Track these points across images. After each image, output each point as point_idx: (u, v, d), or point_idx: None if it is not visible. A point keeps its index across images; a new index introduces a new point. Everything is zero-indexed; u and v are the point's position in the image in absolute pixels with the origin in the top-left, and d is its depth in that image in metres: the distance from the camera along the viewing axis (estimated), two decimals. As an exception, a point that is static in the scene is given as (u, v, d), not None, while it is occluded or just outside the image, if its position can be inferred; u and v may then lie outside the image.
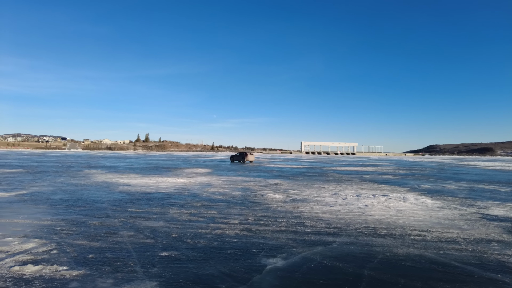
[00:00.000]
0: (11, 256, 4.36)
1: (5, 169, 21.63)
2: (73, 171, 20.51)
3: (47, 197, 9.64)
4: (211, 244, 5.06)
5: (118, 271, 3.86)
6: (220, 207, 8.41)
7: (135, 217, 6.98)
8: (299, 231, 6.00)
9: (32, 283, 3.50)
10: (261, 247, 4.94)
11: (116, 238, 5.31)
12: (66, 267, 3.96)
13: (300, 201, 9.52)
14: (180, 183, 14.13)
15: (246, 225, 6.38)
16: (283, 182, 15.49)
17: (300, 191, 11.81)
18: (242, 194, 10.81)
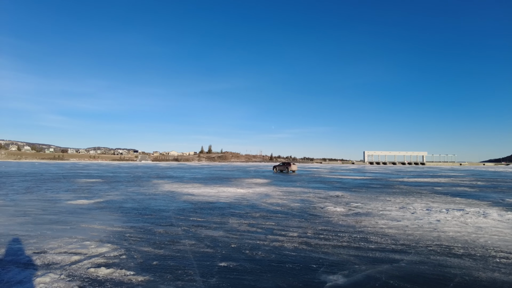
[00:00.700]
0: (88, 258, 4.78)
1: (87, 179, 24.16)
2: (143, 181, 22.13)
3: (119, 205, 10.49)
4: (269, 257, 5.00)
5: (179, 279, 3.98)
6: (278, 218, 8.33)
7: (197, 226, 7.22)
8: (362, 247, 5.65)
9: (104, 284, 3.77)
10: (321, 263, 4.73)
11: (178, 247, 5.53)
12: (133, 272, 4.21)
13: (363, 215, 9.02)
14: (240, 193, 14.38)
15: (305, 239, 6.20)
16: (345, 194, 14.88)
17: (363, 204, 11.21)
18: (300, 206, 10.61)
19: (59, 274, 4.10)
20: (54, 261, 4.63)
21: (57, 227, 6.93)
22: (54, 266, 4.40)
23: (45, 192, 14.24)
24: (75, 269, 4.30)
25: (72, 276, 4.04)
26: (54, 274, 4.08)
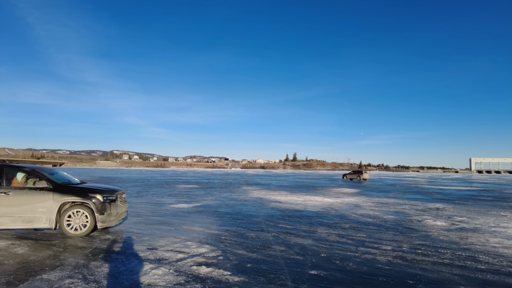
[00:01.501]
0: (190, 257, 5.35)
1: (186, 185, 26.64)
2: (233, 188, 23.44)
3: (214, 209, 11.35)
4: (361, 269, 4.86)
5: (272, 283, 4.18)
6: (369, 230, 7.98)
7: (286, 233, 7.40)
8: (468, 266, 5.07)
9: (205, 282, 4.19)
10: (419, 279, 4.41)
11: (269, 252, 5.77)
12: (230, 273, 4.57)
13: (470, 231, 8.03)
14: (327, 203, 14.14)
15: (400, 253, 5.83)
16: (446, 206, 13.39)
17: (469, 219, 9.96)
18: (395, 218, 9.94)
19: (168, 268, 4.70)
20: (164, 257, 5.31)
21: (164, 227, 7.87)
22: (164, 261, 5.04)
23: (152, 196, 16.23)
24: (180, 265, 4.87)
25: (179, 271, 4.58)
26: (164, 268, 4.69)
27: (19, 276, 4.29)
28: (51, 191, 6.79)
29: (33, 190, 6.73)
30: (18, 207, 6.57)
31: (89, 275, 4.36)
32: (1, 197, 6.54)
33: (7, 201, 6.54)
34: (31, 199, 6.64)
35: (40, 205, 6.65)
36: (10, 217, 6.54)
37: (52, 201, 6.70)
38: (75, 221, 6.83)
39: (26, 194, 6.66)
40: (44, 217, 6.65)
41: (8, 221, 6.54)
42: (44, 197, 6.70)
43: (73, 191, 6.98)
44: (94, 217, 6.89)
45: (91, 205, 6.91)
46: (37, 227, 6.72)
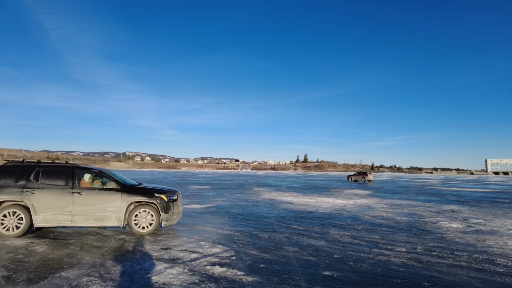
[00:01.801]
0: (204, 257, 5.40)
1: (197, 186, 26.83)
2: (245, 189, 23.49)
3: (226, 210, 11.40)
4: (375, 270, 4.83)
5: (285, 283, 4.19)
6: (383, 232, 7.90)
7: (298, 234, 7.39)
8: (486, 269, 4.98)
9: (219, 281, 4.23)
10: (434, 281, 4.35)
11: (282, 252, 5.78)
12: (243, 273, 4.59)
13: (487, 233, 7.87)
14: (340, 204, 14.05)
15: (414, 255, 5.76)
16: (462, 208, 13.14)
17: (486, 221, 9.75)
18: (408, 220, 9.81)
19: (182, 268, 4.75)
20: (178, 256, 5.37)
21: (177, 227, 7.95)
22: (178, 261, 5.10)
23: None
24: (194, 265, 4.92)
25: (193, 271, 4.63)
26: (179, 268, 4.75)
27: (39, 273, 4.40)
28: (119, 191, 7.19)
29: (103, 191, 7.15)
30: (91, 206, 6.97)
31: (105, 273, 4.45)
32: (75, 197, 6.93)
33: (81, 201, 6.94)
34: (102, 199, 7.05)
35: (110, 205, 7.05)
36: (83, 215, 6.93)
37: (120, 201, 7.10)
38: (141, 219, 7.21)
39: (97, 194, 7.08)
40: (113, 216, 7.05)
41: (81, 219, 6.92)
42: (114, 197, 7.10)
43: (139, 191, 7.39)
44: (159, 216, 7.29)
45: (157, 205, 7.32)
46: (107, 226, 7.11)
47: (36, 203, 6.78)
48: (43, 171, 7.13)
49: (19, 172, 7.03)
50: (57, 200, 6.86)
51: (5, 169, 7.06)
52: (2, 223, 6.64)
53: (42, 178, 7.04)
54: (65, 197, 6.91)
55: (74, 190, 6.99)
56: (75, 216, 6.89)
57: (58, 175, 7.13)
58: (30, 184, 6.92)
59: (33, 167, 7.15)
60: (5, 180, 6.88)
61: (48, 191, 6.90)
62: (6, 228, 6.65)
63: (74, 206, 6.90)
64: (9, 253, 5.39)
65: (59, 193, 6.92)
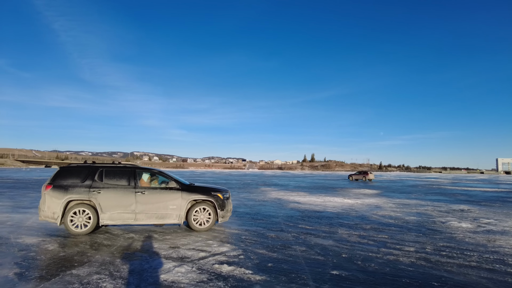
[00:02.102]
0: (212, 255, 5.43)
1: (204, 185, 26.91)
2: (252, 188, 23.51)
3: (234, 209, 11.42)
4: (383, 270, 4.80)
5: (293, 282, 4.19)
6: (391, 231, 7.84)
7: (306, 234, 7.38)
8: (497, 269, 4.92)
9: (228, 280, 4.25)
10: (444, 281, 4.31)
11: (290, 252, 5.78)
12: (251, 271, 4.61)
13: (497, 233, 7.76)
14: (347, 204, 13.98)
15: (423, 254, 5.71)
16: (472, 208, 12.97)
17: (497, 221, 9.62)
18: (417, 220, 9.72)
19: (191, 266, 4.79)
20: (186, 255, 5.41)
21: (185, 227, 8.00)
22: (187, 260, 5.14)
23: (172, 196, 16.49)
24: (202, 263, 4.95)
25: (201, 269, 4.66)
26: (187, 266, 4.78)
27: (50, 271, 4.48)
28: (179, 190, 7.61)
29: (165, 190, 7.54)
30: (153, 204, 7.32)
31: (115, 271, 4.50)
32: (138, 196, 7.27)
33: (144, 199, 7.28)
34: (163, 197, 7.43)
35: (171, 203, 7.43)
36: (146, 213, 7.27)
37: (181, 199, 7.50)
38: (200, 216, 7.62)
39: (158, 193, 7.45)
40: (174, 213, 7.43)
41: (144, 217, 7.26)
42: (174, 195, 7.50)
43: (197, 190, 7.82)
44: (216, 213, 7.72)
45: (214, 202, 7.75)
46: (168, 223, 7.49)
47: (102, 202, 7.12)
48: (106, 171, 7.48)
49: (84, 173, 7.38)
50: (122, 199, 7.19)
51: (71, 170, 7.42)
52: (71, 221, 6.98)
53: (105, 178, 7.39)
54: (129, 196, 7.24)
55: (137, 189, 7.33)
56: (138, 215, 7.22)
57: (121, 176, 7.49)
58: (95, 184, 7.27)
59: (97, 168, 7.49)
60: (72, 180, 7.23)
61: (112, 191, 7.24)
62: (75, 225, 6.98)
63: (137, 204, 7.22)
64: (21, 251, 5.49)
65: (123, 192, 7.26)
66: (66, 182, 7.20)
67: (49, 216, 6.98)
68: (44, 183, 7.30)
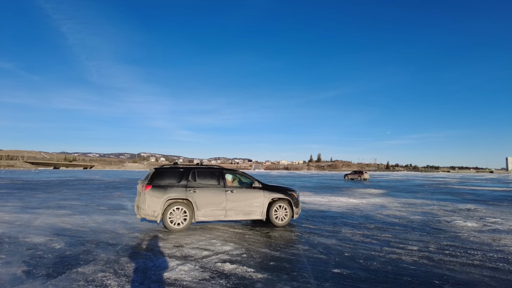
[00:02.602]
0: (215, 254, 5.49)
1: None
2: (257, 188, 23.53)
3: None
4: (385, 268, 4.81)
5: (294, 280, 4.23)
6: (395, 231, 7.83)
7: (309, 233, 7.41)
8: (501, 268, 4.89)
9: (229, 278, 4.31)
10: (446, 280, 4.31)
11: (293, 250, 5.82)
12: (253, 270, 4.66)
13: (503, 232, 7.70)
14: (352, 203, 13.95)
15: (426, 253, 5.71)
16: (479, 207, 12.85)
17: (504, 220, 9.53)
18: (422, 219, 9.68)
19: (194, 264, 4.85)
20: (190, 254, 5.48)
21: (190, 226, 8.08)
22: (190, 258, 5.21)
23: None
24: (205, 262, 5.02)
25: (204, 268, 4.73)
26: (190, 264, 4.85)
27: (57, 269, 4.58)
28: (261, 189, 8.37)
29: (250, 188, 8.30)
30: (240, 202, 8.03)
31: (119, 269, 4.59)
32: (228, 194, 7.96)
33: (232, 198, 7.97)
34: (249, 195, 8.17)
35: (255, 201, 8.18)
36: (235, 210, 7.97)
37: (263, 198, 8.26)
38: (279, 213, 8.33)
39: (245, 192, 8.18)
40: (258, 210, 8.17)
41: (233, 214, 7.95)
42: (258, 194, 8.25)
43: (276, 189, 8.61)
44: (292, 209, 8.46)
45: (290, 200, 8.52)
46: (252, 219, 8.33)
47: (198, 200, 7.72)
48: (198, 172, 8.12)
49: (179, 174, 7.98)
50: (214, 197, 7.84)
51: (167, 171, 7.98)
52: (170, 218, 7.53)
53: (198, 178, 8.02)
54: (220, 194, 7.89)
55: (226, 188, 8.03)
56: (228, 211, 7.88)
57: (211, 176, 8.16)
58: (190, 183, 7.87)
59: (190, 169, 8.12)
60: (169, 181, 7.79)
61: (206, 190, 7.87)
62: (173, 222, 7.54)
63: (227, 202, 7.88)
64: (29, 250, 5.61)
65: (215, 191, 7.91)
66: (164, 182, 7.73)
67: (149, 214, 7.48)
68: (140, 183, 7.87)
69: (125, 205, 12.54)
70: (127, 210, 10.91)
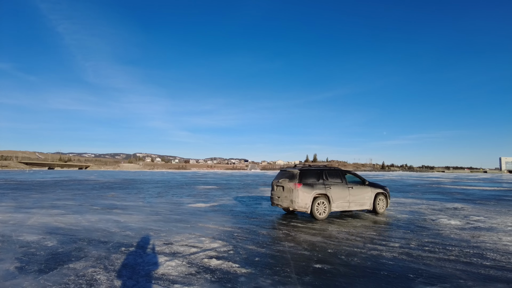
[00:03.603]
0: (203, 251, 5.69)
1: (205, 186, 27.23)
2: (251, 188, 23.76)
3: (230, 208, 11.70)
4: (365, 264, 5.04)
5: (276, 275, 4.45)
6: (380, 229, 8.08)
7: (297, 231, 7.63)
8: (474, 262, 5.15)
9: (215, 273, 4.51)
10: (420, 273, 4.55)
11: (278, 247, 6.03)
12: (238, 265, 4.87)
13: (484, 230, 7.98)
14: (343, 203, 14.18)
15: (406, 249, 5.95)
16: (466, 206, 13.16)
17: (487, 218, 9.82)
18: (408, 217, 9.95)
19: (181, 260, 5.05)
20: (178, 251, 5.67)
21: (180, 225, 8.28)
22: (178, 255, 5.40)
23: (171, 196, 16.79)
24: (193, 258, 5.22)
25: (191, 263, 4.93)
26: (178, 260, 5.05)
27: (49, 265, 4.76)
28: (369, 186, 10.68)
29: (362, 185, 10.57)
30: (358, 196, 10.24)
31: (109, 265, 4.78)
32: (350, 190, 10.09)
33: (353, 192, 10.15)
34: (362, 191, 10.42)
35: (366, 195, 10.47)
36: (355, 202, 10.16)
37: (370, 192, 10.60)
38: (380, 204, 10.80)
39: (360, 188, 10.39)
40: (368, 202, 10.47)
41: (353, 205, 10.13)
42: (367, 189, 10.56)
43: (377, 186, 10.96)
44: (387, 201, 10.98)
45: (386, 194, 11.03)
46: (364, 209, 10.88)
47: (332, 195, 9.68)
48: (328, 172, 10.17)
49: (317, 174, 9.96)
50: (342, 193, 9.89)
51: (309, 172, 9.88)
52: (317, 209, 9.40)
53: (329, 177, 10.03)
54: (345, 190, 9.99)
55: (348, 185, 10.15)
56: (350, 203, 10.02)
57: (337, 175, 10.24)
58: (325, 182, 9.84)
59: (322, 170, 10.16)
60: (312, 180, 9.70)
61: (336, 186, 9.88)
62: (319, 213, 9.41)
63: (350, 196, 10.01)
64: (22, 247, 5.77)
65: (342, 187, 9.97)
66: (309, 181, 9.60)
67: (302, 206, 9.28)
68: (284, 181, 9.87)
69: (119, 205, 12.68)
70: (120, 210, 11.07)
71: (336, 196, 9.69)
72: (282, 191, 9.79)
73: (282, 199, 9.79)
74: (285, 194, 9.62)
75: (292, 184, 9.43)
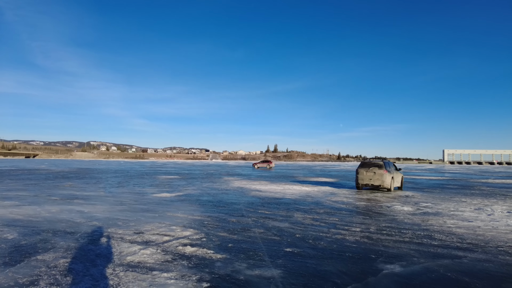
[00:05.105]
0: (176, 239, 5.76)
1: (167, 175, 26.79)
2: (215, 178, 23.82)
3: (197, 198, 11.75)
4: (331, 247, 5.43)
5: (251, 259, 4.67)
6: (342, 215, 8.62)
7: (265, 218, 7.93)
8: (424, 243, 5.75)
9: (191, 259, 4.63)
10: (380, 254, 5.03)
11: (249, 234, 6.27)
12: (213, 251, 5.03)
13: (431, 214, 8.82)
14: (305, 191, 14.81)
15: (367, 233, 6.47)
16: (415, 194, 14.34)
17: (434, 204, 10.83)
18: (366, 205, 10.68)
19: (155, 249, 5.10)
20: (150, 239, 5.70)
21: (148, 214, 8.22)
22: (151, 243, 5.43)
23: (133, 186, 16.41)
24: (167, 246, 5.28)
25: (166, 251, 5.00)
26: (152, 249, 5.09)
27: (14, 257, 4.57)
28: (398, 170, 16.64)
29: (397, 171, 16.34)
30: (396, 178, 15.77)
31: (82, 255, 4.71)
32: (393, 174, 15.39)
33: (396, 176, 15.89)
34: (398, 175, 16.32)
35: (399, 178, 16.46)
36: (397, 182, 16.09)
37: (401, 176, 16.91)
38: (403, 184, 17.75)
39: (396, 173, 15.93)
40: (400, 182, 16.72)
41: (396, 183, 15.97)
42: (400, 174, 16.69)
43: (397, 169, 16.67)
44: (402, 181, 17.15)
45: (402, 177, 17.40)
46: (396, 186, 16.37)
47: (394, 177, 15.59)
48: (390, 163, 15.86)
49: (388, 163, 15.59)
50: (396, 176, 15.92)
51: (387, 163, 15.44)
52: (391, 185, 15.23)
53: (390, 166, 15.75)
54: (397, 174, 16.18)
55: (395, 172, 15.99)
56: (395, 182, 15.75)
57: (392, 165, 16.08)
58: (390, 169, 15.36)
59: (389, 162, 15.77)
60: (389, 168, 15.29)
61: (393, 172, 15.50)
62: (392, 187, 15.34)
63: (397, 178, 16.09)
64: (-20, 240, 5.45)
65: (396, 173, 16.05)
66: (388, 168, 15.06)
67: (387, 184, 14.78)
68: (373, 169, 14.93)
69: (79, 195, 12.19)
70: (82, 200, 10.66)
71: (395, 178, 15.42)
72: (374, 175, 14.71)
73: (374, 180, 14.73)
74: (377, 177, 14.65)
75: (382, 171, 14.58)
